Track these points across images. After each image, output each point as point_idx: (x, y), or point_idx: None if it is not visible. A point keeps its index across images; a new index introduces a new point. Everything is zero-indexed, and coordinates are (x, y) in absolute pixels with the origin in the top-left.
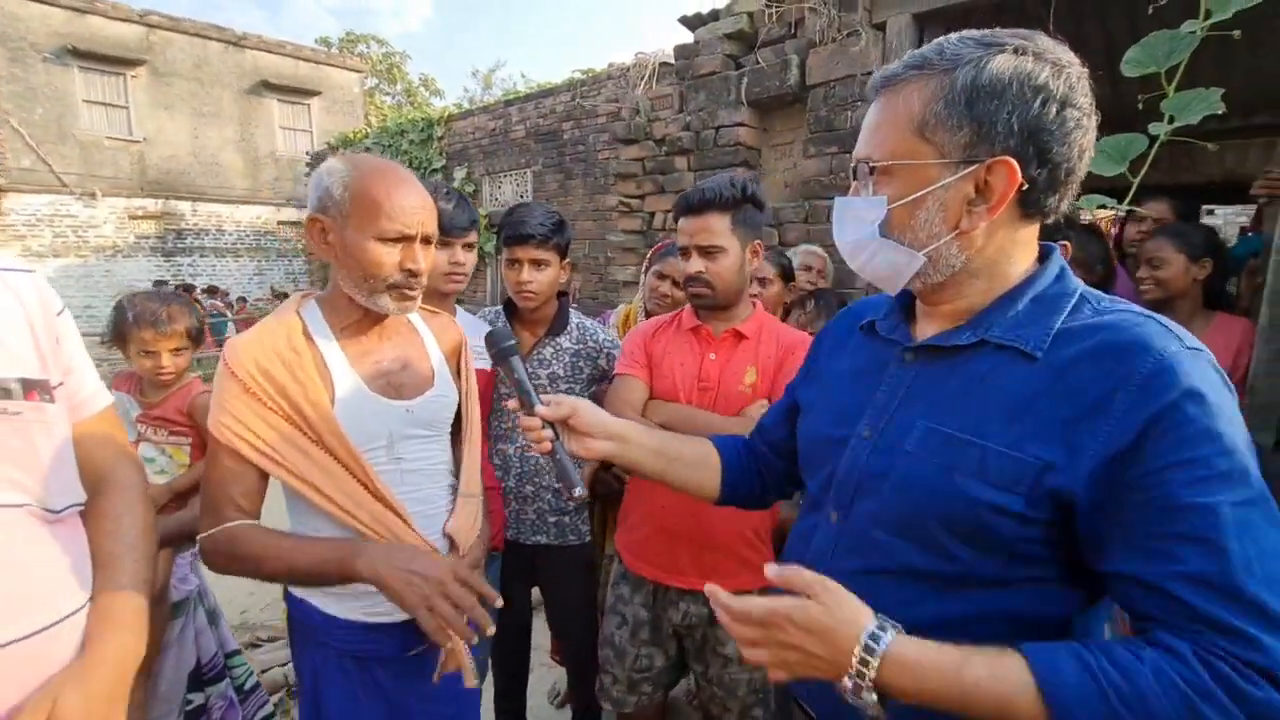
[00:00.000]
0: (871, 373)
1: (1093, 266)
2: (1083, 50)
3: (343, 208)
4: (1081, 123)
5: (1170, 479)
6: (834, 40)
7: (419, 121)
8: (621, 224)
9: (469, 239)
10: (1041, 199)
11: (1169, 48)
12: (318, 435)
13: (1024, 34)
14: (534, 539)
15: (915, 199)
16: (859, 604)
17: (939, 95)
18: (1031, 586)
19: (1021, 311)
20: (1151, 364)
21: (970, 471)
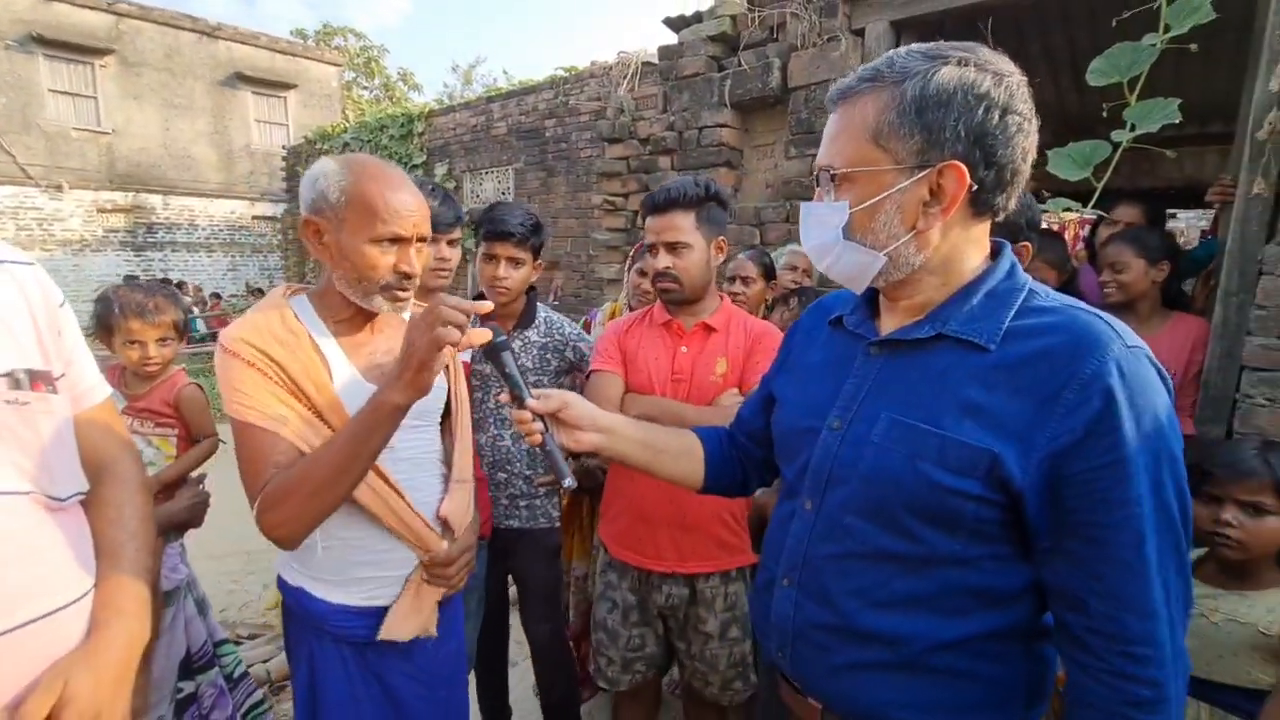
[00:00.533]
0: (839, 366)
1: (1062, 267)
2: (1051, 61)
3: (338, 210)
4: (1023, 127)
5: (1102, 477)
6: (815, 45)
7: (399, 117)
8: (606, 222)
9: (453, 235)
10: (990, 199)
11: (1131, 59)
12: (319, 413)
13: (966, 47)
14: (507, 524)
15: (874, 203)
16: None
17: (891, 105)
18: (991, 563)
19: (976, 306)
20: (1095, 364)
21: (931, 459)
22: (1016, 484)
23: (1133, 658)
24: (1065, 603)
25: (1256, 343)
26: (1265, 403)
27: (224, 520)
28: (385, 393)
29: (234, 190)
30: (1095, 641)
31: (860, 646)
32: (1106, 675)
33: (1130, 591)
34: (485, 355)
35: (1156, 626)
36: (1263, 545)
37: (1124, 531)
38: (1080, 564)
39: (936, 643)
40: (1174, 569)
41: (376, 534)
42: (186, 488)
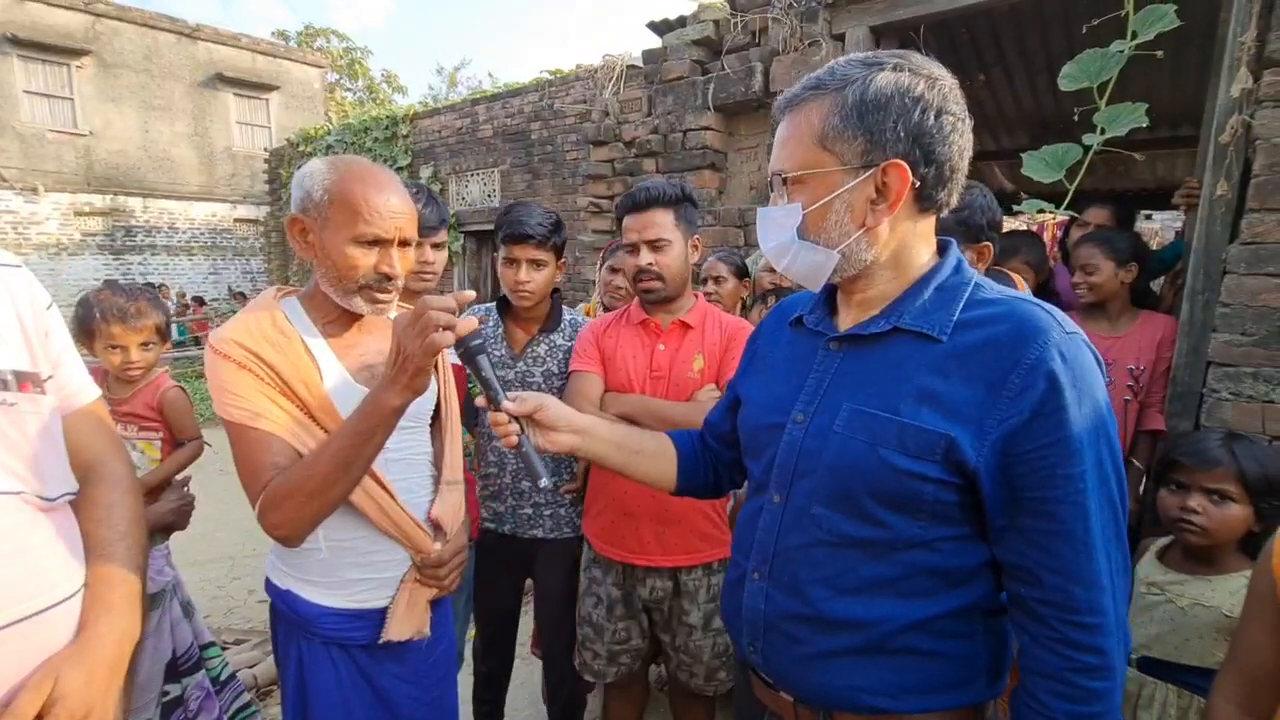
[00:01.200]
0: (801, 362)
1: (1040, 268)
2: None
3: (322, 209)
4: (957, 126)
5: (1049, 455)
6: (796, 49)
7: (384, 119)
8: (592, 224)
9: (438, 238)
10: (933, 194)
11: (1100, 65)
12: (310, 413)
13: (900, 54)
14: (531, 533)
15: (825, 203)
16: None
17: (835, 110)
18: (951, 544)
19: (927, 300)
20: (1038, 350)
21: (892, 445)
22: (971, 465)
23: (1080, 626)
24: (1019, 577)
25: (1221, 339)
26: (1230, 397)
27: (206, 526)
28: (382, 394)
29: (215, 193)
30: (1046, 612)
31: (830, 635)
32: (1057, 644)
33: (1077, 563)
34: (461, 359)
35: (1101, 596)
36: (1226, 532)
37: (1070, 506)
38: (1032, 539)
39: (903, 625)
40: (1115, 542)
41: (365, 536)
42: (171, 490)
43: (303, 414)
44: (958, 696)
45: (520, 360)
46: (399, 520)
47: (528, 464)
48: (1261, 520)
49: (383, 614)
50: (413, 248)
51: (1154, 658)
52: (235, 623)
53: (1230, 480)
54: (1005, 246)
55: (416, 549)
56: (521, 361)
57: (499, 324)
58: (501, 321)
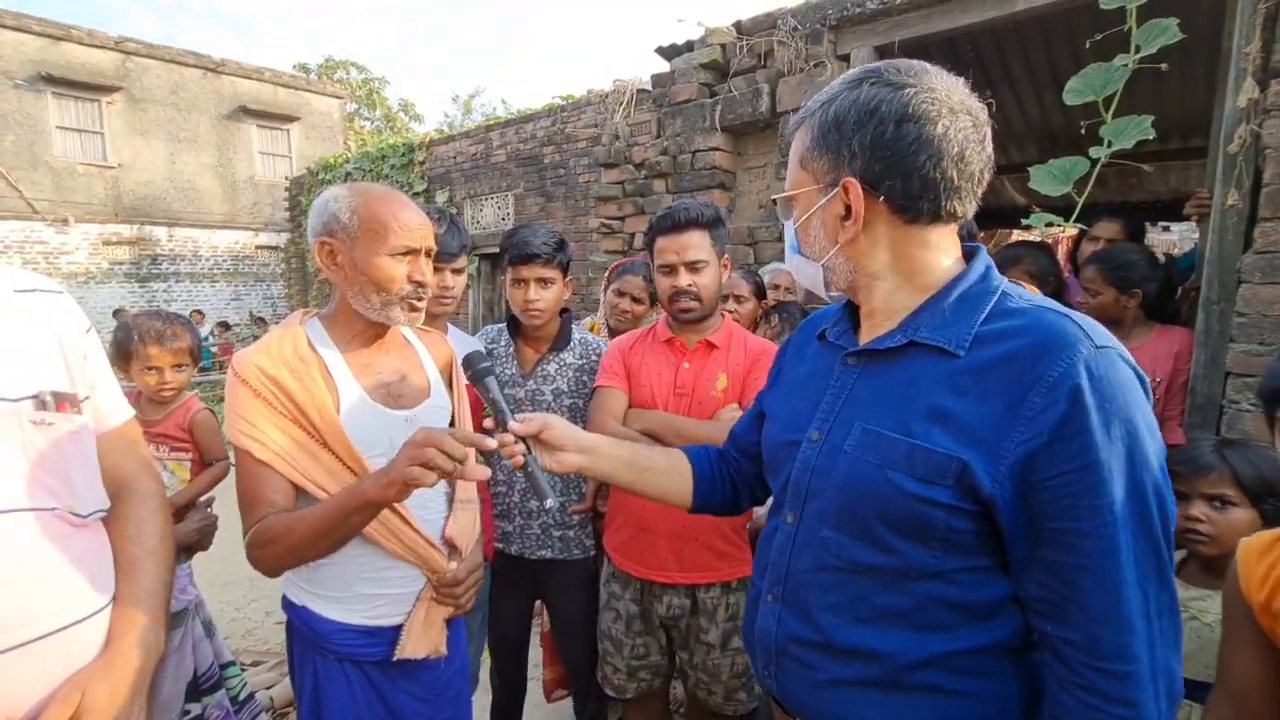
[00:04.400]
0: (821, 378)
1: (1045, 279)
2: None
3: (351, 230)
4: (926, 130)
5: (1072, 482)
6: (802, 70)
7: (400, 146)
8: (604, 245)
9: (458, 264)
10: (916, 204)
11: (1105, 79)
12: (323, 439)
13: (882, 66)
14: (539, 554)
15: (805, 220)
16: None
17: (809, 133)
18: (968, 575)
19: (947, 311)
20: (1062, 366)
21: (901, 467)
22: (986, 492)
23: (1106, 673)
24: (1042, 613)
25: (1239, 349)
26: (1250, 407)
27: (225, 549)
28: (365, 485)
29: (237, 221)
30: (1070, 654)
31: (842, 663)
32: (1080, 691)
33: (1104, 603)
34: (470, 380)
35: (1133, 641)
36: (1233, 536)
37: (1096, 539)
38: (1055, 574)
39: (919, 659)
40: (1156, 580)
41: (381, 553)
42: (195, 511)
43: (313, 440)
44: None
45: (530, 379)
46: (412, 543)
47: (534, 484)
48: (1267, 523)
49: (397, 631)
50: (432, 263)
51: (1187, 678)
52: (252, 644)
53: (1226, 484)
54: (1008, 256)
55: (431, 568)
56: (532, 380)
57: (510, 344)
58: (512, 341)
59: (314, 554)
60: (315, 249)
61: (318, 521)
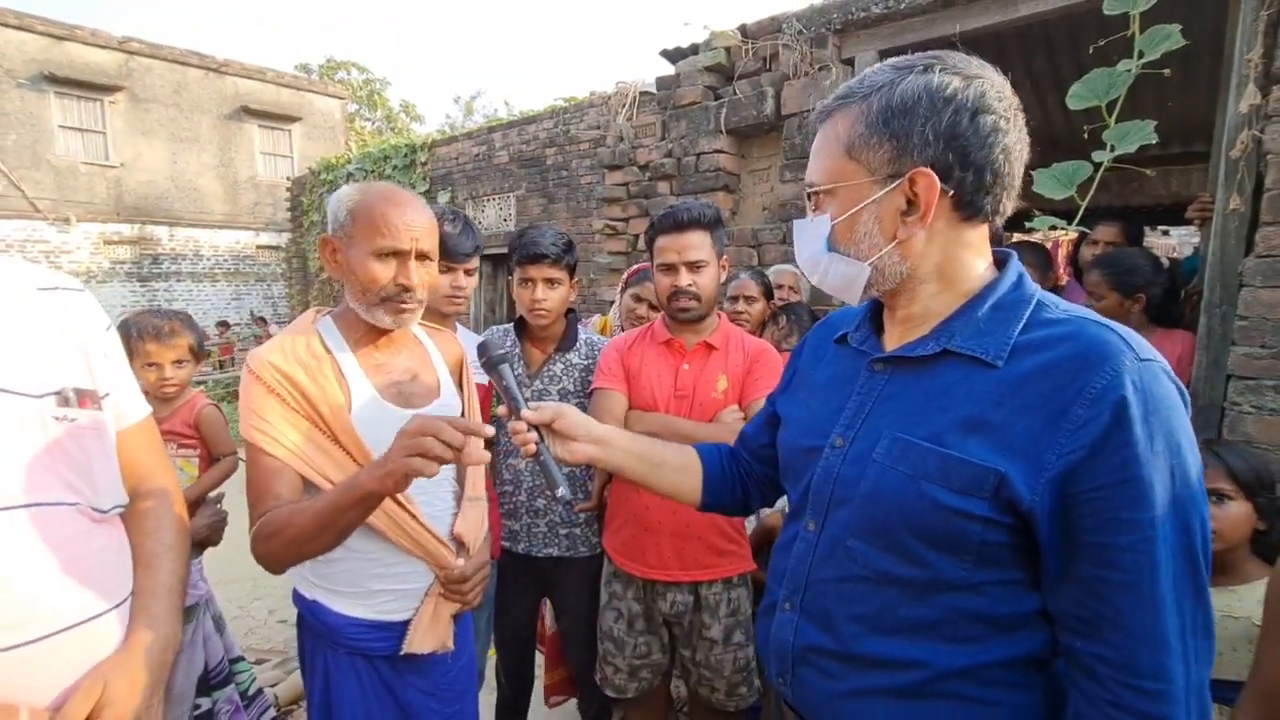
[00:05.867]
0: (844, 383)
1: (1044, 276)
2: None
3: (347, 228)
4: (999, 125)
5: (1114, 496)
6: (806, 74)
7: (402, 147)
8: (608, 246)
9: (470, 265)
10: (976, 201)
11: (1108, 84)
12: (335, 435)
13: (935, 54)
14: (546, 551)
15: (852, 214)
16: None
17: (860, 119)
18: (999, 589)
19: (982, 319)
20: (1106, 378)
21: (935, 478)
22: (1025, 505)
23: (1142, 692)
24: (1074, 629)
25: (1240, 352)
26: (1252, 410)
27: (228, 547)
28: (363, 476)
29: (238, 221)
30: (1104, 671)
31: (864, 673)
32: (1112, 708)
33: (1142, 621)
34: (484, 368)
35: (1169, 660)
36: (1235, 531)
37: (1137, 555)
38: (1090, 589)
39: (946, 671)
40: (1193, 598)
41: (390, 548)
42: (205, 506)
43: (325, 437)
44: None
45: (536, 379)
46: (419, 537)
47: (545, 472)
48: (1263, 518)
49: (406, 626)
50: (434, 264)
51: None
52: (256, 643)
53: (1222, 478)
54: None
55: (439, 564)
56: (538, 380)
57: (516, 344)
58: (519, 341)
59: (314, 549)
60: (320, 246)
61: (316, 514)
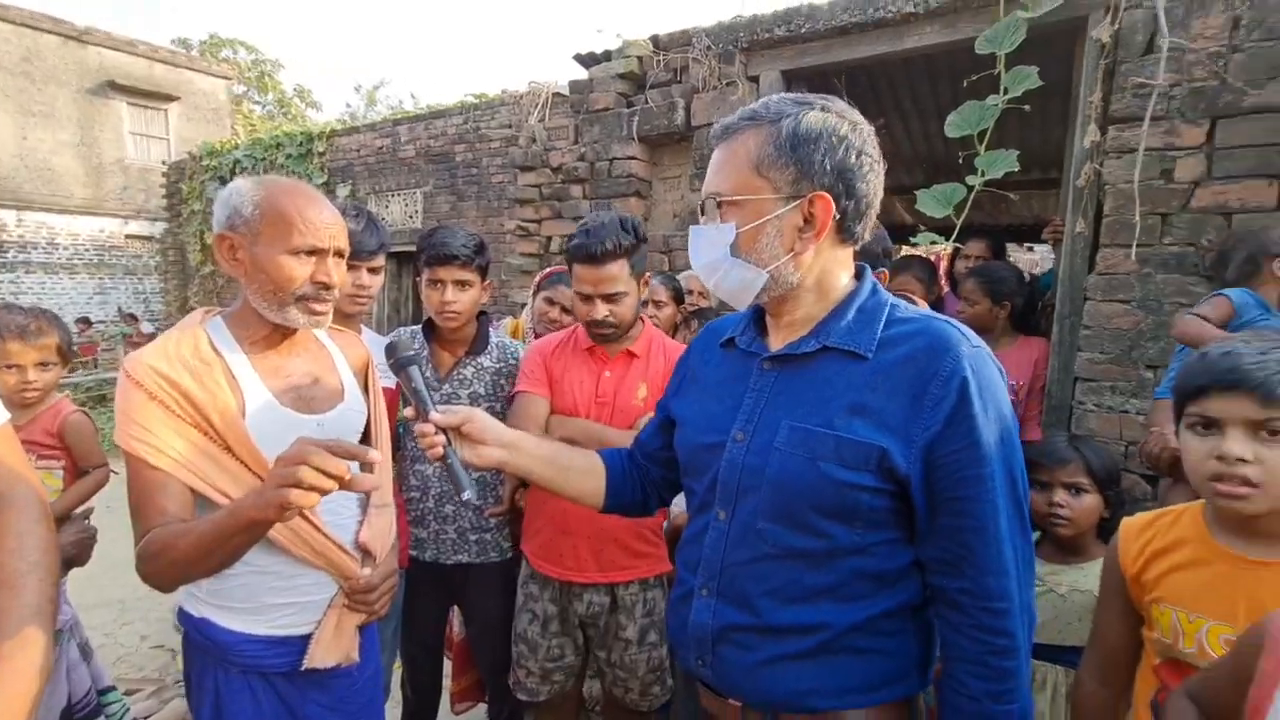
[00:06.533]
0: (736, 382)
1: (929, 286)
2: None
3: (252, 225)
4: (874, 167)
5: (962, 457)
6: (715, 88)
7: (298, 135)
8: (520, 248)
9: (375, 263)
10: (852, 226)
11: (979, 116)
12: (226, 444)
13: (826, 97)
14: (455, 558)
15: (757, 225)
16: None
17: (770, 140)
18: (885, 548)
19: (851, 320)
20: (951, 363)
21: (830, 458)
22: (902, 472)
23: (992, 611)
24: (941, 571)
25: (1085, 357)
26: (1094, 408)
27: (90, 568)
28: (246, 503)
29: (104, 207)
30: (966, 601)
31: (778, 641)
32: (974, 630)
33: (988, 555)
34: (392, 369)
35: (1008, 583)
36: (1086, 520)
37: (982, 503)
38: (952, 535)
39: (844, 627)
40: (1020, 534)
41: (290, 561)
42: (72, 523)
43: (217, 447)
44: (892, 691)
45: (446, 383)
46: (322, 548)
47: (452, 476)
48: (1109, 507)
49: (306, 641)
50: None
51: (1042, 643)
52: (127, 671)
53: (1081, 473)
54: (901, 263)
55: (344, 575)
56: (447, 384)
57: (425, 346)
58: (428, 344)
59: (201, 571)
60: (216, 243)
61: (200, 539)
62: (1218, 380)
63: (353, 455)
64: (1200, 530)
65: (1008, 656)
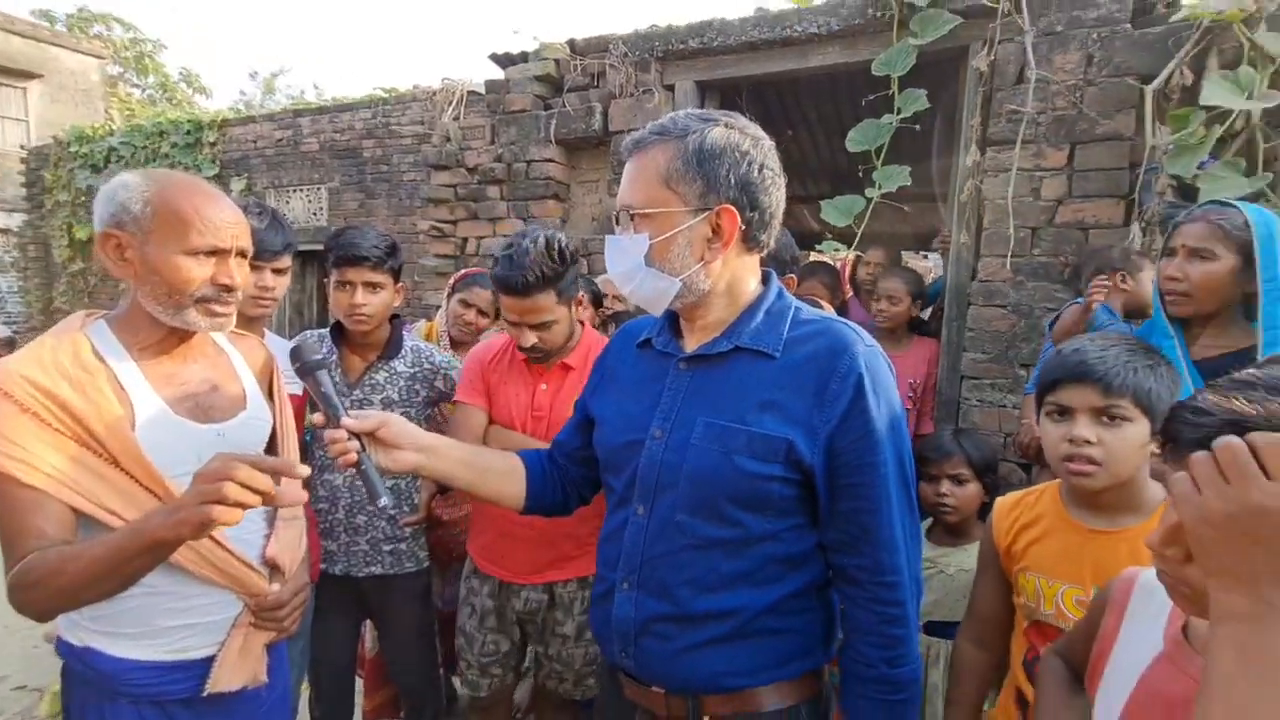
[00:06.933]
0: (653, 382)
1: (834, 290)
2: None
3: (143, 223)
4: (775, 180)
5: (859, 446)
6: (632, 95)
7: (185, 123)
8: (434, 249)
9: (280, 264)
10: (757, 235)
11: (875, 133)
12: (113, 457)
13: (730, 114)
14: (368, 570)
15: (669, 236)
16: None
17: (678, 155)
18: (792, 533)
19: (760, 323)
20: (849, 360)
21: (743, 451)
22: (808, 462)
23: (885, 584)
24: (841, 550)
25: (969, 357)
26: (978, 403)
27: None
28: (151, 521)
29: None
30: (863, 577)
31: (698, 628)
32: (869, 603)
33: (880, 533)
34: (298, 374)
35: (899, 559)
36: (969, 506)
37: (876, 488)
38: (851, 518)
39: (759, 610)
40: (909, 513)
41: (189, 580)
42: None
43: (102, 461)
44: (802, 665)
45: (357, 389)
46: (226, 566)
47: (367, 483)
48: (988, 493)
49: (208, 663)
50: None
51: (934, 621)
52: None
53: (963, 465)
54: (808, 269)
55: (250, 592)
56: (358, 390)
57: (333, 350)
58: (336, 348)
59: (93, 597)
60: (99, 241)
61: (95, 562)
62: (1068, 374)
63: (279, 470)
64: (1057, 506)
65: (899, 624)
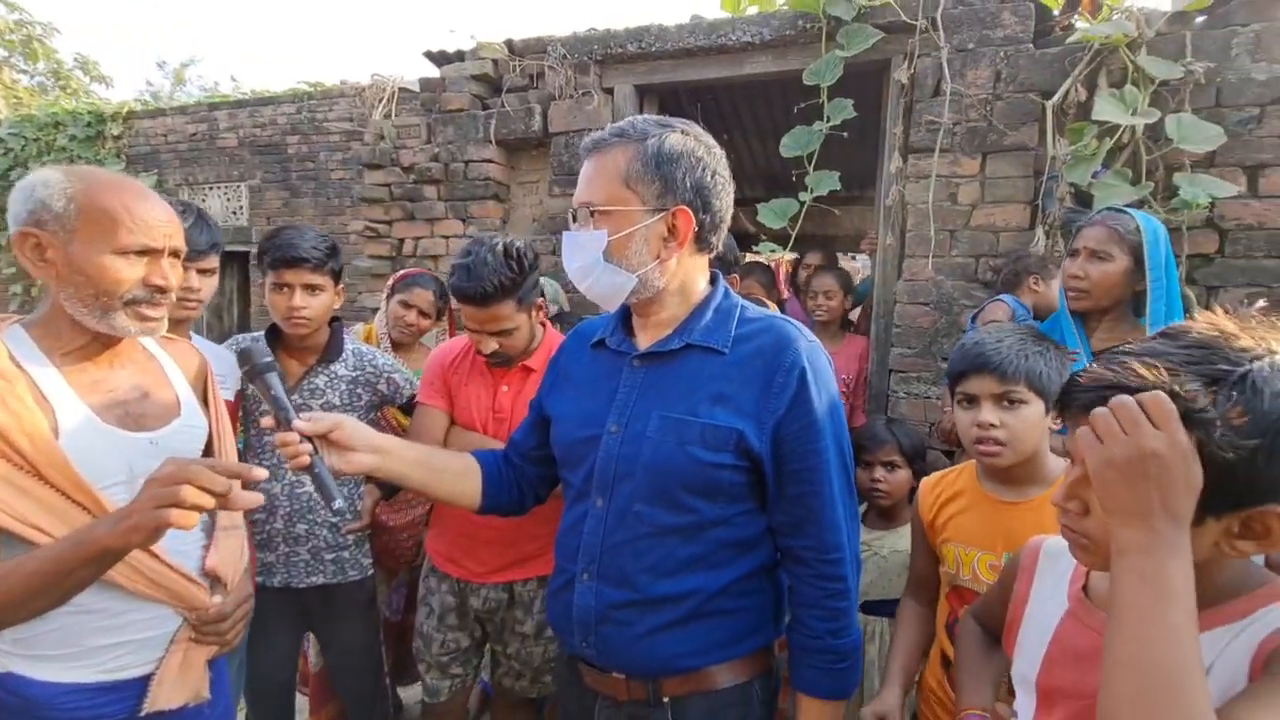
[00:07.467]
0: (608, 379)
1: (769, 289)
2: (760, 130)
3: (66, 221)
4: (726, 185)
5: (803, 434)
6: (571, 96)
7: (84, 113)
8: (369, 249)
9: (206, 263)
10: (708, 237)
11: (807, 139)
12: (37, 470)
13: (685, 122)
14: (309, 581)
15: (627, 234)
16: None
17: (637, 157)
18: (743, 518)
19: (709, 320)
20: (792, 355)
21: (696, 442)
22: (756, 451)
23: (829, 561)
24: (788, 532)
25: (896, 352)
26: (905, 395)
27: None
28: (99, 528)
29: None
30: (809, 555)
31: (656, 613)
32: (815, 579)
33: (823, 514)
34: (247, 378)
35: (841, 537)
36: (900, 490)
37: (819, 472)
38: (796, 502)
39: (713, 592)
40: (848, 494)
41: (121, 595)
42: None
43: (25, 474)
44: (754, 642)
45: (295, 393)
46: (163, 579)
47: (320, 486)
48: (917, 478)
49: (144, 683)
50: (180, 263)
51: (870, 600)
52: None
53: (895, 453)
54: (746, 269)
55: (190, 606)
56: (296, 395)
57: (270, 354)
58: (273, 352)
59: (27, 614)
60: (16, 241)
61: (32, 576)
62: (970, 365)
63: (235, 473)
64: (973, 481)
65: (841, 598)
